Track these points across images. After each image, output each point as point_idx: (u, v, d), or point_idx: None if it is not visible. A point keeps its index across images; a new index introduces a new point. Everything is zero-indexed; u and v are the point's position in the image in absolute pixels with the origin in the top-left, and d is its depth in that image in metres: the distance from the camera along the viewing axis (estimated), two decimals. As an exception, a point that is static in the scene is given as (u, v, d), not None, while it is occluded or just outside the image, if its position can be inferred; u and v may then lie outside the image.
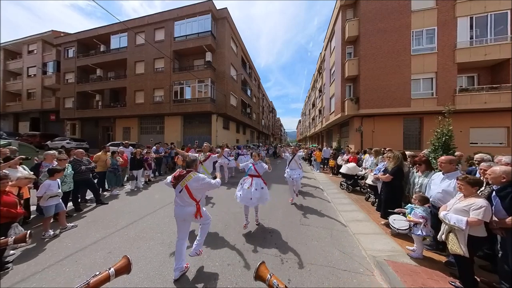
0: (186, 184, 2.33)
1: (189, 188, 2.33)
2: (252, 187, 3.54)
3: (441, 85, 10.98)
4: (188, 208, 2.37)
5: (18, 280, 2.31)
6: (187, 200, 2.36)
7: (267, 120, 43.49)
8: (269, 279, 0.65)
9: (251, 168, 3.73)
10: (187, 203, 2.37)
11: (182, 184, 2.33)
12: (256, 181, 3.63)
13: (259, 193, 3.54)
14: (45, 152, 4.34)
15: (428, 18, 11.20)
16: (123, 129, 18.94)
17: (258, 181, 3.65)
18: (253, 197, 3.48)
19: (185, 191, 2.33)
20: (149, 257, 2.72)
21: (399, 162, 3.73)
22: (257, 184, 3.60)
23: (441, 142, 4.27)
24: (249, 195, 3.50)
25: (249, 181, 3.64)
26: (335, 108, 15.03)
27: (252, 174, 3.71)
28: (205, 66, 15.73)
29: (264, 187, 3.67)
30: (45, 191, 3.34)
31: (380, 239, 3.31)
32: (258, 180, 3.67)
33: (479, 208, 1.97)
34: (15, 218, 2.63)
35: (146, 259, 2.68)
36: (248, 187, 3.55)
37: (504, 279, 2.05)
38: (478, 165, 3.06)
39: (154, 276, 2.35)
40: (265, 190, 3.68)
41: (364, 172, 6.20)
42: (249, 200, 3.49)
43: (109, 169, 5.95)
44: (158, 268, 2.49)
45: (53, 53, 20.97)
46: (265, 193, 3.66)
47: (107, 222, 3.97)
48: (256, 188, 3.54)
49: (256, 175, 3.69)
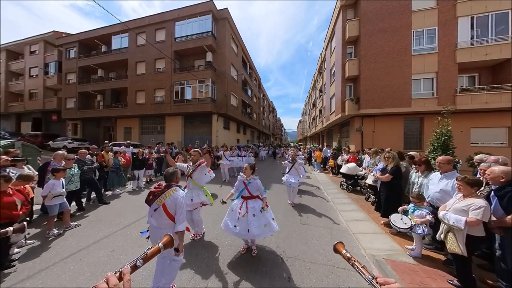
0: (163, 203, 1.99)
1: (166, 207, 1.99)
2: (249, 213, 2.67)
3: (442, 85, 10.97)
4: (166, 231, 1.95)
5: (24, 278, 2.36)
6: (163, 222, 2.01)
7: (268, 120, 43.51)
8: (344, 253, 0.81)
9: (243, 189, 2.86)
10: (164, 224, 2.01)
11: (158, 202, 1.99)
12: (252, 204, 2.75)
13: (259, 219, 2.67)
14: (55, 152, 4.41)
15: (428, 18, 11.18)
16: (124, 129, 19.01)
17: (254, 203, 2.77)
18: (251, 227, 2.59)
19: (161, 210, 1.99)
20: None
21: (397, 162, 3.77)
22: (253, 208, 2.71)
23: (440, 143, 4.30)
24: (245, 225, 2.63)
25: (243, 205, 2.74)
26: (335, 108, 15.04)
27: (245, 196, 2.83)
28: (206, 66, 15.78)
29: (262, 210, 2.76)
30: (49, 190, 3.40)
31: (380, 238, 3.34)
32: (254, 202, 2.79)
33: (478, 208, 2.00)
34: (13, 219, 2.55)
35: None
36: (243, 215, 2.65)
37: (502, 277, 2.09)
38: (478, 166, 3.09)
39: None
40: (267, 214, 2.76)
41: (364, 172, 6.22)
42: (247, 233, 2.60)
43: (111, 169, 6.01)
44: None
45: (55, 53, 21.08)
46: (269, 217, 2.76)
47: (110, 221, 4.02)
48: (254, 213, 2.68)
49: (250, 196, 2.82)
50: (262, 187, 2.93)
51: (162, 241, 0.85)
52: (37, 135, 16.42)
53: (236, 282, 2.31)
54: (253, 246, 2.92)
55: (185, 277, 2.38)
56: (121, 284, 0.59)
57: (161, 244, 0.83)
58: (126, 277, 0.60)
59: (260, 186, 2.90)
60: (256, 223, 2.64)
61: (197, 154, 3.48)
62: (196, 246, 3.09)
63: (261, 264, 2.65)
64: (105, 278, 0.57)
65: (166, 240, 0.86)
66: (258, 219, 2.68)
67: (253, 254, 2.85)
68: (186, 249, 2.99)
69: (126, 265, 0.66)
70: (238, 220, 2.67)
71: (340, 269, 2.56)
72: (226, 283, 2.29)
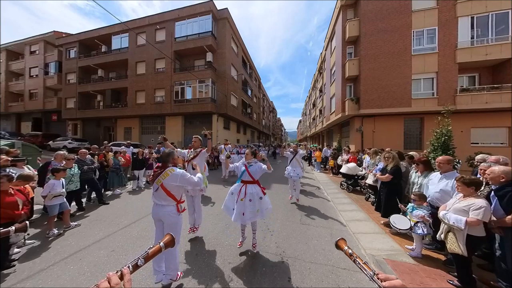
0: (162, 183, 2.11)
1: (165, 187, 2.12)
2: (246, 198, 2.71)
3: (442, 85, 10.96)
4: (167, 208, 2.15)
5: (24, 278, 2.36)
6: (164, 199, 2.16)
7: (268, 120, 43.51)
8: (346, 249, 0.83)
9: (244, 172, 2.86)
10: (164, 201, 2.17)
11: (157, 182, 2.13)
12: (251, 189, 2.77)
13: (254, 205, 2.71)
14: (56, 152, 4.42)
15: (428, 18, 11.18)
16: (125, 129, 19.02)
17: (253, 189, 2.79)
18: (246, 211, 2.66)
19: (161, 189, 2.12)
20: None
21: (397, 162, 3.77)
22: (252, 194, 2.74)
23: (440, 142, 4.30)
24: (241, 208, 2.69)
25: (243, 189, 2.78)
26: (335, 108, 15.03)
27: (245, 180, 2.84)
28: (206, 66, 15.79)
29: (262, 197, 2.80)
30: (49, 190, 3.40)
31: (380, 238, 3.34)
32: (253, 187, 2.81)
33: (478, 208, 2.00)
34: (15, 219, 2.56)
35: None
36: (241, 199, 2.71)
37: (502, 277, 2.08)
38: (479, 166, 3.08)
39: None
40: (264, 200, 2.81)
41: (364, 172, 6.22)
42: (242, 216, 2.68)
43: (112, 168, 6.02)
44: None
45: (55, 53, 21.09)
46: (264, 204, 2.81)
47: (110, 221, 4.02)
48: (250, 198, 2.71)
49: (251, 180, 2.83)
50: (263, 167, 2.89)
51: (163, 240, 0.86)
52: (37, 135, 16.44)
53: (236, 282, 2.31)
54: (253, 238, 2.93)
55: (185, 277, 2.37)
56: (122, 284, 0.59)
57: (162, 243, 0.84)
58: (127, 277, 0.61)
59: (261, 168, 2.87)
60: (251, 208, 2.71)
61: (197, 140, 3.54)
62: (196, 246, 3.09)
63: (261, 264, 2.65)
64: (107, 277, 0.58)
65: (167, 240, 0.87)
66: (253, 205, 2.73)
67: (253, 248, 2.87)
68: (186, 249, 2.99)
69: (127, 264, 0.66)
70: (236, 203, 2.74)
71: (340, 269, 2.56)
72: (226, 283, 2.29)
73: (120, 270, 0.62)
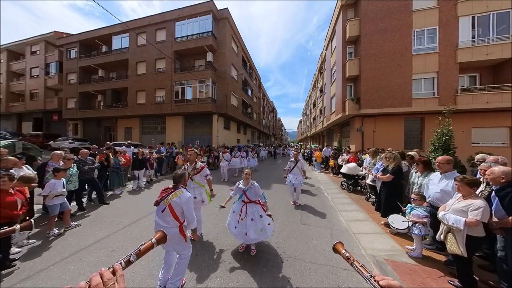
0: (170, 203, 2.06)
1: (172, 207, 2.06)
2: (247, 218, 2.77)
3: (443, 85, 10.93)
4: (171, 229, 2.06)
5: (25, 277, 2.36)
6: (169, 222, 2.08)
7: (268, 120, 43.48)
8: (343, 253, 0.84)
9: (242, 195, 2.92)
10: (169, 225, 2.07)
11: (165, 202, 2.06)
12: (251, 208, 2.83)
13: (256, 224, 2.76)
14: (52, 152, 4.42)
15: (429, 17, 11.15)
16: (125, 129, 19.04)
17: (253, 208, 2.84)
18: (249, 231, 2.70)
19: (168, 210, 2.06)
20: (152, 255, 2.75)
21: (399, 162, 3.76)
22: (252, 213, 2.79)
23: (441, 142, 4.28)
24: (243, 228, 2.74)
25: (243, 208, 2.83)
26: (336, 108, 15.02)
27: (245, 200, 2.89)
28: (206, 66, 15.78)
29: (263, 215, 2.83)
30: (50, 190, 3.41)
31: (380, 238, 3.33)
32: (253, 206, 2.86)
33: (477, 208, 1.99)
34: (14, 219, 2.56)
35: (149, 257, 2.71)
36: (242, 219, 2.76)
37: (503, 278, 2.07)
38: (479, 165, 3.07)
39: (156, 274, 2.38)
40: (264, 217, 2.83)
41: (365, 172, 6.21)
42: (245, 236, 2.71)
43: (112, 168, 6.02)
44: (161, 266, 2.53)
45: (56, 54, 21.12)
46: (265, 222, 2.81)
47: (110, 221, 4.03)
48: (252, 218, 2.77)
49: (249, 201, 2.88)
50: (260, 192, 2.94)
51: (155, 237, 0.87)
52: (38, 135, 16.44)
53: (236, 282, 2.31)
54: (252, 246, 2.92)
55: (184, 277, 2.37)
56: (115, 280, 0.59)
57: (154, 239, 0.85)
58: (119, 272, 0.62)
59: (258, 192, 2.91)
60: (254, 227, 2.74)
61: (193, 154, 3.50)
62: (196, 246, 3.09)
63: (261, 264, 2.65)
64: (99, 273, 0.58)
65: (159, 236, 0.88)
66: (256, 224, 2.76)
67: (252, 253, 2.85)
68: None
69: (120, 260, 0.67)
70: (238, 223, 2.80)
71: (341, 269, 2.55)
72: (226, 283, 2.29)
73: (112, 266, 0.63)
